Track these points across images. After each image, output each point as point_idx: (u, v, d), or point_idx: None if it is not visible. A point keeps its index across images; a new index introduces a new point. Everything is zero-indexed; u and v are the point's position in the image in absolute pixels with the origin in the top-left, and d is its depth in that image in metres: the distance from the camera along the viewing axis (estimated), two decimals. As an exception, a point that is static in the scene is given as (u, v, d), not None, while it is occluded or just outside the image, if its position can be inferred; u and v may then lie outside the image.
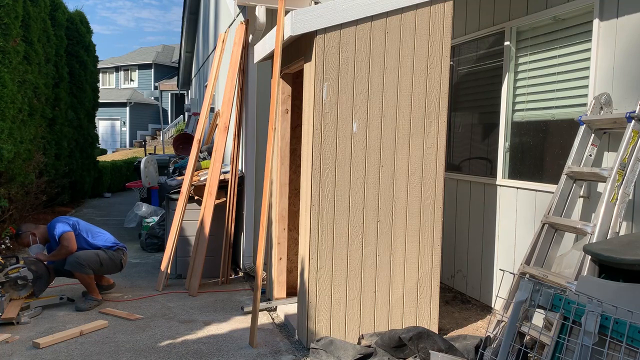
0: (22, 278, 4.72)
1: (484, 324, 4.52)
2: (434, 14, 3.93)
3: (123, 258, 5.28)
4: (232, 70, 5.88)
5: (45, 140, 9.14)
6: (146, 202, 9.57)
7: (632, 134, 3.30)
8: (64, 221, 5.08)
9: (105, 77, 38.09)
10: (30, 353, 3.83)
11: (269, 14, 5.51)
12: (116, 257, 5.19)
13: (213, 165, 5.76)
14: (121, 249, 5.30)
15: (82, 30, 12.25)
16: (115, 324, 4.45)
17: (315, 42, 3.71)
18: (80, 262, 4.87)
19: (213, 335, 4.20)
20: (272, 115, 4.16)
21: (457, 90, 5.56)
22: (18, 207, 7.56)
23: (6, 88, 6.65)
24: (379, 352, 3.60)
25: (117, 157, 23.08)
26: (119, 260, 5.22)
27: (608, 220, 3.27)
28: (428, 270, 4.07)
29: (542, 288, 2.74)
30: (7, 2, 6.68)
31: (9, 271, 4.68)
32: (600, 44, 3.76)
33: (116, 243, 5.30)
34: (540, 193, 4.28)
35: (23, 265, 4.78)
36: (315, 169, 3.78)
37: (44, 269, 4.91)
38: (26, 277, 4.75)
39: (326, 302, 3.86)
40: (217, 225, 5.79)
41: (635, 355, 2.31)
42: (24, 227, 5.12)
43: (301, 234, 4.02)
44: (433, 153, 4.02)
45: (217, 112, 7.16)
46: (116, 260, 5.18)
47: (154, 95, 29.06)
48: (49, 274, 4.97)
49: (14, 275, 4.68)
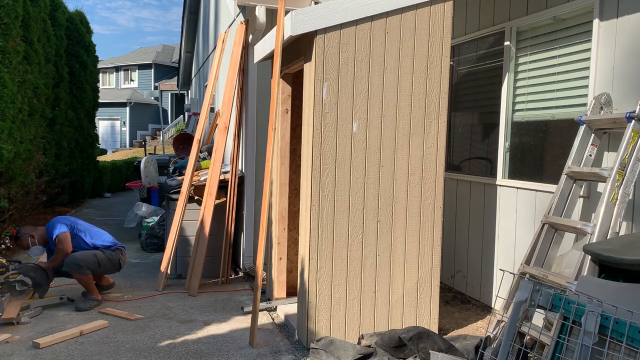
0: (22, 283, 4.71)
1: (484, 324, 4.52)
2: (434, 14, 3.93)
3: (121, 258, 5.28)
4: (232, 70, 5.88)
5: (45, 140, 9.14)
6: (146, 202, 9.57)
7: (632, 134, 3.30)
8: (61, 222, 5.08)
9: (105, 77, 38.09)
10: (30, 353, 3.83)
11: (269, 14, 5.51)
12: (114, 257, 5.18)
13: (213, 165, 5.76)
14: (120, 249, 5.30)
15: (82, 30, 12.25)
16: (115, 324, 4.45)
17: (315, 42, 3.71)
18: (77, 263, 4.87)
19: (213, 335, 4.20)
20: (272, 115, 4.16)
21: (457, 90, 5.56)
22: (18, 207, 7.56)
23: (6, 88, 6.65)
24: (379, 352, 3.60)
25: (117, 157, 23.08)
26: (117, 260, 5.22)
27: (608, 220, 3.27)
28: (428, 270, 4.07)
29: (542, 288, 2.73)
30: (7, 2, 6.68)
31: (10, 275, 4.68)
32: (600, 44, 3.76)
33: (114, 243, 5.29)
34: (540, 193, 4.28)
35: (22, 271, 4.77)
36: (315, 169, 3.78)
37: (44, 275, 4.89)
38: (26, 283, 4.74)
39: (326, 302, 3.86)
40: (217, 225, 5.79)
41: (635, 355, 2.31)
42: (23, 230, 5.11)
43: (301, 234, 4.02)
44: (433, 153, 4.02)
45: (217, 112, 7.16)
46: (114, 260, 5.18)
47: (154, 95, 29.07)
48: (48, 278, 4.95)
49: (13, 280, 4.67)
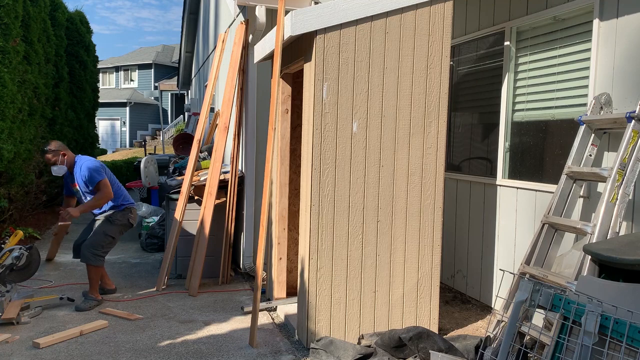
0: (17, 258, 4.57)
1: (484, 324, 4.52)
2: (434, 14, 3.93)
3: (131, 216, 5.19)
4: (232, 70, 5.88)
5: (46, 140, 9.14)
6: (146, 202, 9.57)
7: (632, 134, 3.30)
8: (98, 167, 4.97)
9: (105, 77, 38.08)
10: (30, 353, 3.83)
11: (269, 14, 5.51)
12: (123, 219, 5.12)
13: (213, 165, 5.76)
14: (129, 207, 5.20)
15: (82, 30, 12.24)
16: (115, 324, 4.45)
17: (315, 42, 3.71)
18: (95, 253, 4.81)
19: (213, 335, 4.20)
20: (272, 115, 4.16)
21: (457, 90, 5.56)
22: (18, 207, 7.56)
23: (6, 88, 6.65)
24: (379, 352, 3.60)
25: (117, 157, 23.07)
26: (127, 220, 5.15)
27: (608, 220, 3.27)
28: (428, 270, 4.07)
29: (542, 288, 2.73)
30: (7, 2, 6.68)
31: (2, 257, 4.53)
32: (600, 44, 3.75)
33: (125, 201, 5.20)
34: (540, 193, 4.28)
35: (11, 248, 4.63)
36: (315, 169, 3.78)
37: (36, 254, 4.80)
38: (20, 258, 4.59)
39: (326, 302, 3.86)
40: (217, 225, 5.79)
41: (635, 355, 2.31)
42: (55, 145, 4.90)
43: (301, 234, 4.02)
44: (433, 153, 4.02)
45: (217, 112, 7.16)
46: (124, 221, 5.13)
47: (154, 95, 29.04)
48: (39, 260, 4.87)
49: (8, 262, 4.53)
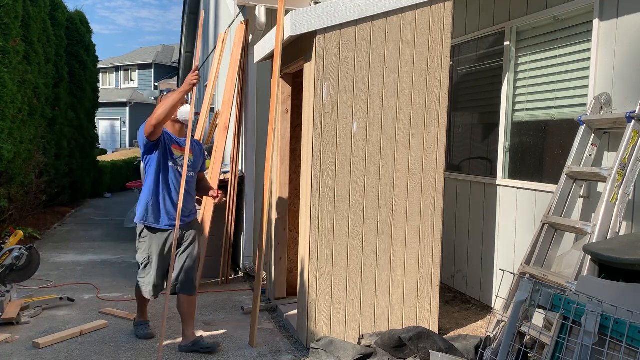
0: (17, 258, 4.51)
1: (484, 324, 4.52)
2: (434, 14, 3.93)
3: None
4: (232, 70, 5.88)
5: (45, 140, 9.15)
6: (146, 202, 9.54)
7: (632, 134, 3.30)
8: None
9: (105, 77, 38.06)
10: (30, 353, 3.83)
11: (269, 14, 5.51)
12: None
13: (213, 165, 5.76)
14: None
15: (82, 30, 12.25)
16: (115, 324, 4.44)
17: (315, 42, 3.71)
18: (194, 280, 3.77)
19: (213, 335, 4.20)
20: (272, 115, 4.16)
21: (457, 90, 5.56)
22: (18, 207, 7.56)
23: (6, 88, 6.65)
24: (379, 352, 3.59)
25: (117, 157, 23.04)
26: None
27: (608, 220, 3.27)
28: (428, 270, 4.07)
29: (542, 288, 2.73)
30: (7, 2, 6.68)
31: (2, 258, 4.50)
32: (600, 44, 3.75)
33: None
34: (540, 193, 4.28)
35: (11, 248, 4.58)
36: (315, 169, 3.78)
37: (36, 254, 4.73)
38: (20, 258, 4.53)
39: (326, 302, 3.85)
40: (217, 225, 5.79)
41: (635, 355, 2.31)
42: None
43: (301, 234, 4.01)
44: (433, 153, 4.02)
45: (217, 112, 7.16)
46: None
47: (154, 95, 29.11)
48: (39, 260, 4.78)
49: (8, 262, 4.49)
